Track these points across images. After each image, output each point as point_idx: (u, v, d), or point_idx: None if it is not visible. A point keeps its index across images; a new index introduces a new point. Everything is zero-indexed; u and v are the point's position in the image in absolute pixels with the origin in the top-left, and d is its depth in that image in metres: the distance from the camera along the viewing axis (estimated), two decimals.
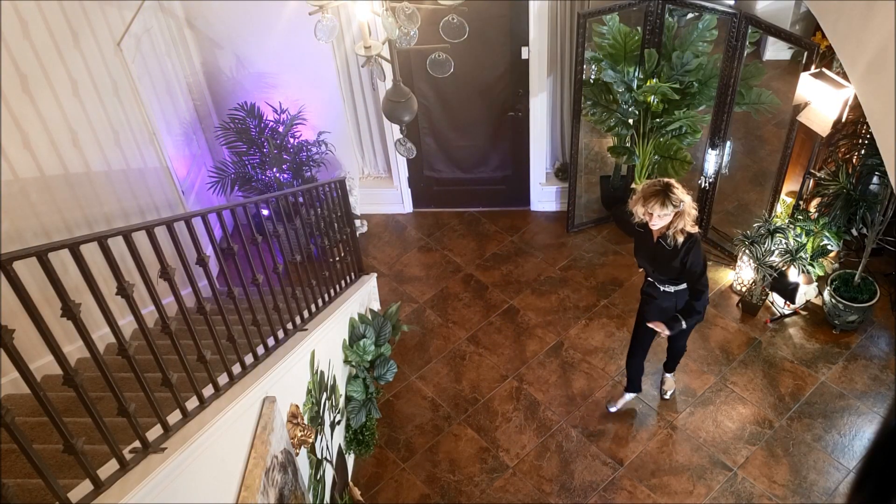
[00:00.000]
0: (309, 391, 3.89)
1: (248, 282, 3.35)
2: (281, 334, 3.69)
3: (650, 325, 4.15)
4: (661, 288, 4.13)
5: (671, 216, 3.77)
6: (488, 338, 5.48)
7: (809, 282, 5.29)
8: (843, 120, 4.57)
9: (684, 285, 4.08)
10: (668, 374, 4.94)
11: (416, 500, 4.61)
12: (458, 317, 5.65)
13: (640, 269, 4.35)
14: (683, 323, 4.05)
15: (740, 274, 5.47)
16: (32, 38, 3.67)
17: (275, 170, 5.54)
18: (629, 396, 4.89)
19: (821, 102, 4.53)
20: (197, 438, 2.66)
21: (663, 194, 3.69)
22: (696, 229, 3.88)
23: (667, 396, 4.95)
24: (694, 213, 3.85)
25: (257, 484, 3.00)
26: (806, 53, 4.62)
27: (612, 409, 4.91)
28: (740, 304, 5.47)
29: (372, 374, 4.83)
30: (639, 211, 3.81)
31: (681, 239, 3.85)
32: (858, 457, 4.59)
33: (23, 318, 2.08)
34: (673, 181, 3.78)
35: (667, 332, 4.09)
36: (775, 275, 5.09)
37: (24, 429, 2.05)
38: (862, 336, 5.20)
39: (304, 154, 5.66)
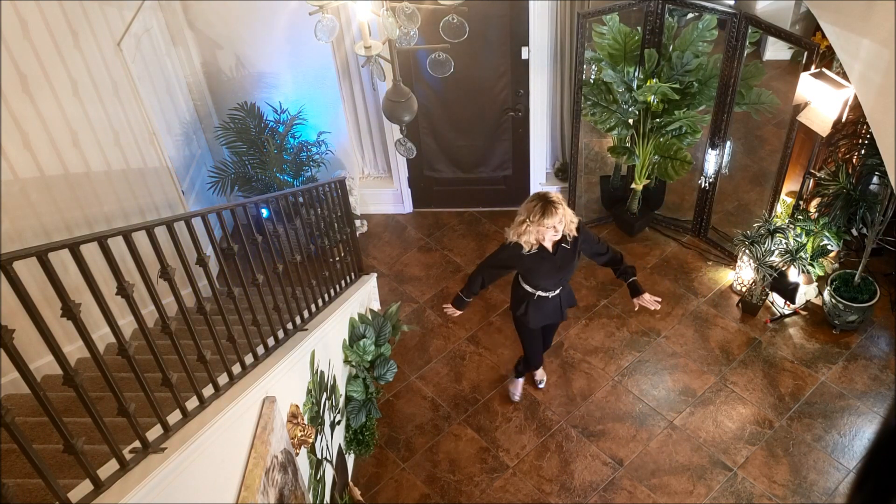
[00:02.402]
0: (309, 391, 3.89)
1: (248, 282, 3.35)
2: (281, 334, 3.68)
3: (645, 303, 4.07)
4: (551, 294, 4.19)
5: (560, 226, 3.79)
6: (488, 338, 5.48)
7: (809, 282, 5.29)
8: (843, 120, 4.57)
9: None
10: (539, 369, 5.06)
11: (416, 500, 4.61)
12: (459, 317, 5.64)
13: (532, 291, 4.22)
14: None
15: (740, 274, 5.47)
16: (32, 38, 3.67)
17: (275, 170, 5.54)
18: (521, 381, 5.05)
19: (821, 102, 4.54)
20: (197, 438, 2.66)
21: (550, 204, 3.70)
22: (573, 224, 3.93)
23: (542, 386, 5.08)
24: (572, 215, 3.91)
25: (257, 484, 3.00)
26: (806, 53, 4.62)
27: (517, 399, 5.03)
28: (740, 304, 5.47)
29: (372, 374, 4.83)
30: (534, 235, 3.78)
31: (574, 228, 3.88)
32: (858, 457, 4.59)
33: (23, 318, 2.08)
34: (549, 193, 3.78)
35: (656, 303, 4.10)
36: (775, 275, 5.09)
37: (24, 429, 2.05)
38: (862, 336, 5.20)
39: (304, 154, 5.66)
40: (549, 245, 3.91)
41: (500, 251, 4.07)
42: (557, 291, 4.21)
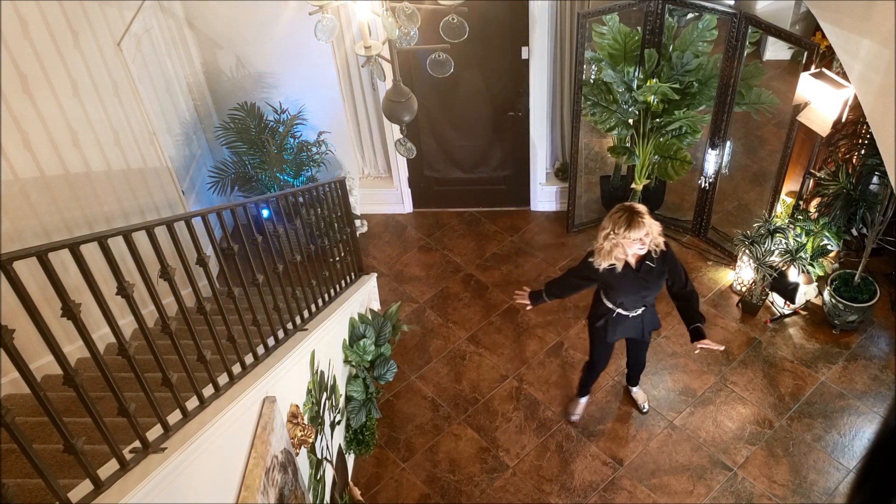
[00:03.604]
0: (309, 391, 3.89)
1: (248, 282, 3.35)
2: (281, 334, 3.69)
3: (703, 345, 3.89)
4: (632, 314, 4.07)
5: (644, 241, 3.62)
6: (488, 338, 5.48)
7: (809, 282, 5.29)
8: (843, 120, 4.57)
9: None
10: (635, 388, 4.93)
11: (416, 500, 4.61)
12: (458, 317, 5.65)
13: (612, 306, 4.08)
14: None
15: (740, 274, 5.47)
16: (32, 38, 3.67)
17: (275, 170, 5.54)
18: (584, 401, 4.91)
19: (821, 102, 4.54)
20: (197, 438, 2.66)
21: (637, 215, 3.53)
22: (660, 239, 3.74)
23: (646, 410, 4.90)
24: (658, 233, 3.73)
25: (257, 484, 3.00)
26: (806, 53, 4.62)
27: (575, 419, 4.88)
28: (740, 304, 5.47)
29: (372, 373, 4.83)
30: (619, 249, 3.61)
31: (661, 245, 3.70)
32: (858, 457, 4.59)
33: (23, 318, 2.08)
34: (634, 204, 3.62)
35: (719, 347, 3.99)
36: (775, 275, 5.09)
37: (24, 429, 2.05)
38: (862, 336, 5.20)
39: (304, 154, 5.66)
40: (632, 261, 3.73)
41: (582, 264, 3.88)
42: (640, 312, 4.04)
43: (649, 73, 5.15)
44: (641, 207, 3.59)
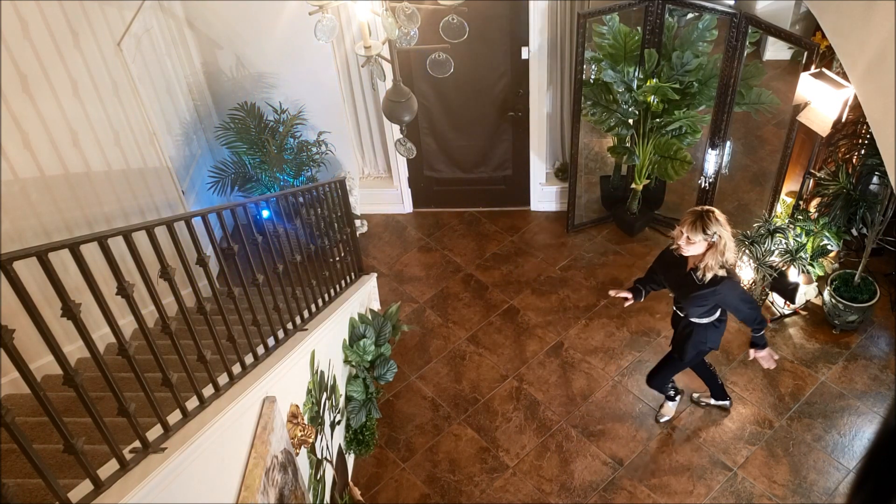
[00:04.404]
0: (309, 391, 3.89)
1: (248, 282, 3.35)
2: (281, 334, 3.68)
3: (761, 359, 4.06)
4: (682, 314, 4.09)
5: (702, 246, 3.62)
6: (488, 338, 5.48)
7: (809, 282, 5.29)
8: (843, 120, 4.57)
9: (709, 319, 4.01)
10: (671, 403, 4.87)
11: (416, 500, 4.61)
12: (458, 317, 5.65)
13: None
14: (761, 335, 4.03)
15: (740, 274, 5.47)
16: (32, 38, 3.67)
17: (275, 170, 5.54)
18: (674, 405, 4.87)
19: (821, 102, 4.53)
20: (197, 438, 2.66)
21: (699, 217, 3.57)
22: (722, 272, 3.69)
23: (664, 419, 4.87)
24: (730, 258, 3.67)
25: (257, 484, 3.00)
26: (806, 53, 4.62)
27: (664, 420, 4.85)
28: None
29: (372, 373, 4.83)
30: (676, 231, 3.69)
31: (709, 276, 3.68)
32: (858, 457, 4.59)
33: (23, 318, 2.08)
34: (717, 212, 3.61)
35: (769, 364, 4.08)
36: (775, 275, 5.09)
37: (24, 429, 2.05)
38: (862, 336, 5.20)
39: (305, 154, 5.66)
40: (686, 256, 3.76)
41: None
42: (683, 316, 4.07)
43: (649, 73, 5.15)
44: (717, 215, 3.60)
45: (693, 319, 4.03)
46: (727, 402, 4.83)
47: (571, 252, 6.06)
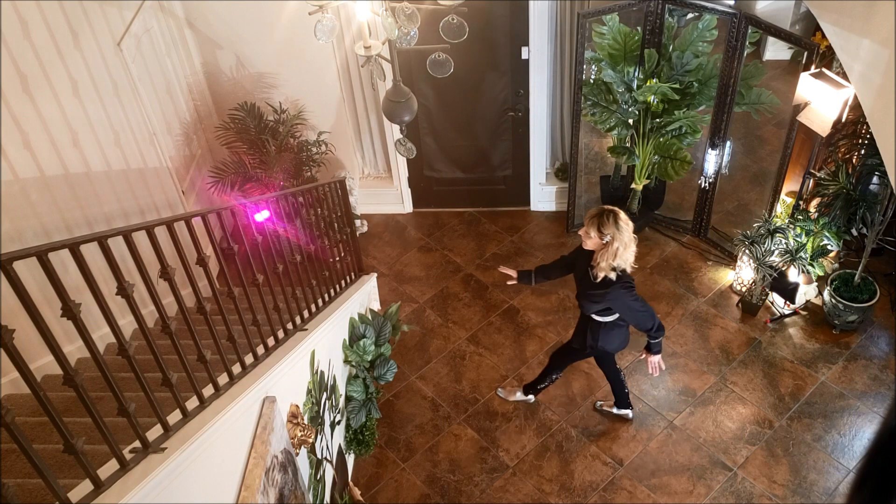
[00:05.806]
0: (309, 391, 3.89)
1: (248, 282, 3.35)
2: (281, 334, 3.68)
3: (650, 364, 4.11)
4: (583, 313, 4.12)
5: (595, 243, 3.69)
6: (488, 338, 5.48)
7: (809, 282, 5.29)
8: (843, 120, 4.57)
9: (606, 318, 4.04)
10: (524, 395, 4.98)
11: (416, 500, 4.61)
12: (458, 317, 5.65)
13: None
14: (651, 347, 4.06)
15: (740, 274, 5.47)
16: (32, 38, 3.67)
17: (275, 170, 5.54)
18: (526, 397, 4.96)
19: (821, 102, 4.54)
20: (197, 438, 2.66)
21: (599, 215, 3.63)
22: (612, 275, 3.70)
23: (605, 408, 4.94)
24: (617, 262, 3.66)
25: (257, 484, 3.00)
26: (806, 53, 4.62)
27: (501, 395, 5.01)
28: (740, 304, 5.47)
29: (372, 373, 4.83)
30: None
31: (601, 276, 3.73)
32: (858, 457, 4.59)
33: (23, 318, 2.08)
34: (622, 214, 3.64)
35: (653, 371, 4.12)
36: (775, 275, 5.09)
37: (24, 429, 2.05)
38: (862, 336, 5.20)
39: (305, 154, 5.66)
40: (589, 249, 3.81)
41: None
42: (581, 311, 4.12)
43: (649, 73, 5.15)
44: (619, 218, 3.63)
45: (592, 315, 4.07)
46: (629, 412, 4.83)
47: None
